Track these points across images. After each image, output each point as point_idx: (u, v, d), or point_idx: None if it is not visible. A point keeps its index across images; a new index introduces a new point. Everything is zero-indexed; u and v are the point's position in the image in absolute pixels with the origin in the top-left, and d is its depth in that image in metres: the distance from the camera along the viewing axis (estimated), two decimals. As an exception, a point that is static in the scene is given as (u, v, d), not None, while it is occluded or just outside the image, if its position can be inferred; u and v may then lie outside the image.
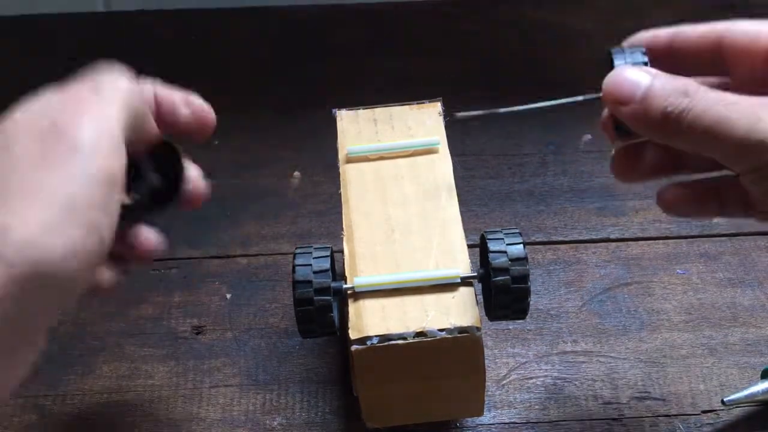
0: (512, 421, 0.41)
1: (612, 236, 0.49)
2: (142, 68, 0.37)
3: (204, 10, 0.68)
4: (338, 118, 0.41)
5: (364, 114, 0.41)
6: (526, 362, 0.43)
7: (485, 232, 0.36)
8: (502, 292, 0.34)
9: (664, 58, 0.34)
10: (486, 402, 0.41)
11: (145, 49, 0.65)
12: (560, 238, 0.50)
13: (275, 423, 0.41)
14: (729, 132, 0.28)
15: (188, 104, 0.35)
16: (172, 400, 0.42)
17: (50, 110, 0.29)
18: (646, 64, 0.33)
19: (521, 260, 0.34)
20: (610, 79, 0.31)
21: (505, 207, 0.51)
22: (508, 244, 0.34)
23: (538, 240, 0.50)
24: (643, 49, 0.34)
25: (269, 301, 0.46)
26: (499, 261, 0.34)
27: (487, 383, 0.42)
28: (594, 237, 0.49)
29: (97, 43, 0.66)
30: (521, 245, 0.34)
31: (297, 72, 0.62)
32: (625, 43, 0.36)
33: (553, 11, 0.67)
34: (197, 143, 0.34)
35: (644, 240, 0.49)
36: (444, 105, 0.41)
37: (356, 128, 0.41)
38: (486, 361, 0.43)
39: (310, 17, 0.67)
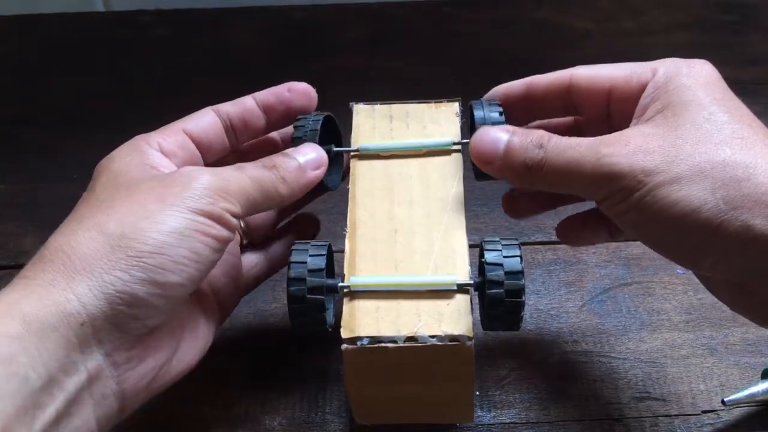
0: (512, 421, 0.41)
1: (612, 236, 0.49)
2: (142, 68, 0.37)
3: (204, 10, 0.68)
4: (354, 112, 0.41)
5: (380, 109, 0.41)
6: (526, 362, 0.43)
7: (484, 240, 0.35)
8: (496, 305, 0.34)
9: (521, 106, 0.39)
10: (486, 402, 0.41)
11: (144, 49, 0.65)
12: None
13: (275, 423, 0.41)
14: (579, 171, 0.32)
15: (241, 106, 0.39)
16: (172, 399, 0.42)
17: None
18: (501, 114, 0.38)
19: (517, 274, 0.34)
20: (474, 142, 0.35)
21: (505, 207, 0.51)
22: (505, 257, 0.34)
23: (538, 240, 0.50)
24: (499, 105, 0.38)
25: (269, 301, 0.46)
26: (494, 274, 0.34)
27: (488, 383, 0.42)
28: (594, 237, 0.49)
29: (97, 43, 0.66)
30: (518, 258, 0.34)
31: (297, 72, 0.62)
32: (485, 97, 0.40)
33: (553, 11, 0.67)
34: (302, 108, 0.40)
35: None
36: (462, 105, 0.41)
37: (371, 123, 0.40)
38: (486, 361, 0.43)
39: (310, 17, 0.67)
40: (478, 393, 0.42)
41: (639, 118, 0.35)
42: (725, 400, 0.39)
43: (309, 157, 0.37)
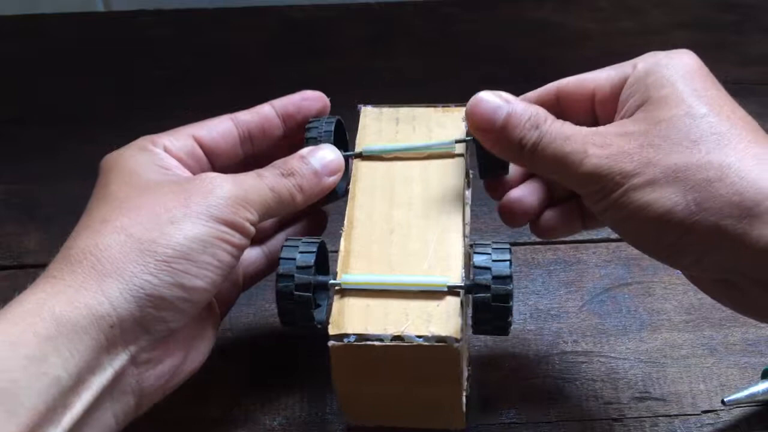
0: (512, 421, 0.40)
1: (612, 236, 0.49)
2: (142, 68, 0.37)
3: (204, 10, 0.68)
4: (362, 114, 0.41)
5: (387, 112, 0.41)
6: (526, 362, 0.43)
7: (474, 244, 0.35)
8: (483, 309, 0.34)
9: None
10: (486, 402, 0.41)
11: (144, 49, 0.65)
12: (560, 238, 0.49)
13: (275, 423, 0.41)
14: (566, 165, 0.33)
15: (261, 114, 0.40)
16: (172, 400, 0.42)
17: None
18: None
19: (504, 278, 0.34)
20: (472, 106, 0.35)
21: (505, 207, 0.51)
22: (494, 261, 0.34)
23: (538, 240, 0.49)
24: None
25: (269, 301, 0.46)
26: (481, 277, 0.34)
27: (488, 383, 0.42)
28: (594, 237, 0.49)
29: (97, 43, 0.66)
30: (508, 262, 0.34)
31: (297, 72, 0.62)
32: None
33: (553, 11, 0.67)
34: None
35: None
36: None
37: (377, 126, 0.41)
38: (486, 361, 0.43)
39: (310, 17, 0.67)
40: (478, 393, 0.42)
41: (621, 112, 0.35)
42: (725, 400, 0.39)
43: (326, 161, 0.37)
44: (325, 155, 0.37)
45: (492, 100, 0.35)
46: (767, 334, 0.44)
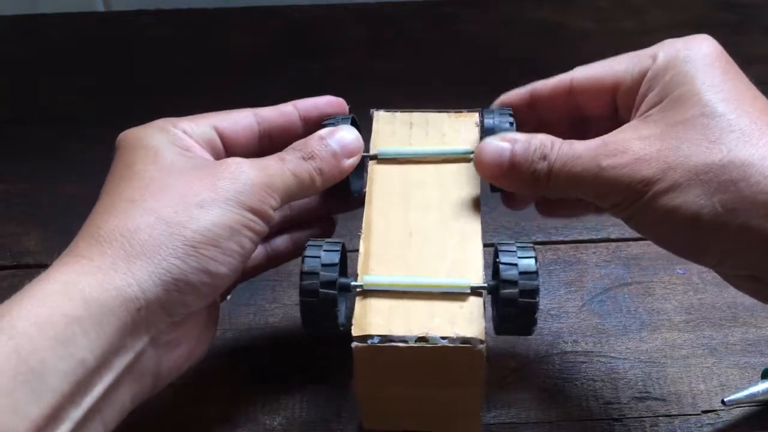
0: (512, 421, 0.41)
1: (612, 236, 0.49)
2: (142, 68, 0.37)
3: (204, 10, 0.68)
4: (375, 118, 0.42)
5: (401, 116, 0.41)
6: (526, 362, 0.43)
7: (498, 243, 0.35)
8: (509, 306, 0.34)
9: (526, 110, 0.40)
10: (486, 402, 0.41)
11: (144, 49, 0.65)
12: (560, 238, 0.50)
13: (275, 423, 0.41)
14: (582, 185, 0.33)
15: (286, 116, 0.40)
16: (172, 400, 0.42)
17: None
18: (511, 116, 0.38)
19: (531, 274, 0.34)
20: (477, 157, 0.36)
21: (506, 207, 0.51)
22: (519, 257, 0.34)
23: (538, 240, 0.50)
24: (510, 110, 0.39)
25: (269, 301, 0.46)
26: (508, 273, 0.34)
27: (488, 383, 0.42)
28: (594, 237, 0.49)
29: (97, 43, 0.66)
30: (533, 259, 0.34)
31: (297, 72, 0.62)
32: (494, 104, 0.40)
33: (553, 11, 0.67)
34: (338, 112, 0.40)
35: (644, 240, 0.49)
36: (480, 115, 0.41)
37: (391, 129, 0.41)
38: (486, 362, 0.43)
39: (310, 17, 0.67)
40: (478, 393, 0.42)
41: (638, 108, 0.35)
42: (725, 400, 0.39)
43: (345, 141, 0.37)
44: (345, 136, 0.37)
45: (494, 144, 0.35)
46: (767, 334, 0.44)
